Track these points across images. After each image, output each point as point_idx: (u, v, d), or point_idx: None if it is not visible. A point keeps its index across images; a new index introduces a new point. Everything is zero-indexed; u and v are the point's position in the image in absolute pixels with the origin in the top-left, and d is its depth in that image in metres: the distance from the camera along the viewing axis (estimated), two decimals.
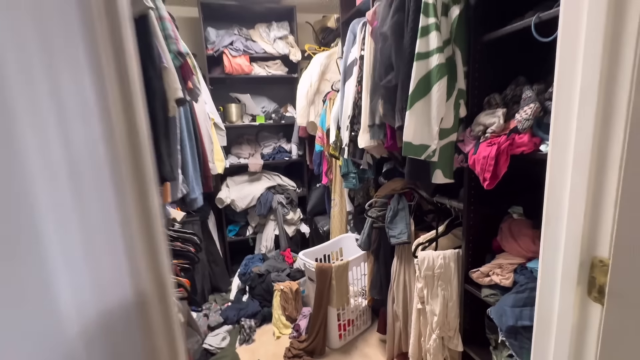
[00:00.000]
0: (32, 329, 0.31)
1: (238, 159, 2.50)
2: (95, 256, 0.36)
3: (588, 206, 0.50)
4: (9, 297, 0.29)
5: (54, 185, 0.32)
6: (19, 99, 0.29)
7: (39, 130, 0.30)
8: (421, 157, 1.12)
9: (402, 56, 1.11)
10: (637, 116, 0.44)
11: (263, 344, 1.90)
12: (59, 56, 0.32)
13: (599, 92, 0.47)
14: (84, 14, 0.33)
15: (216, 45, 2.29)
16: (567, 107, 0.52)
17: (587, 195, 0.50)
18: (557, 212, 0.55)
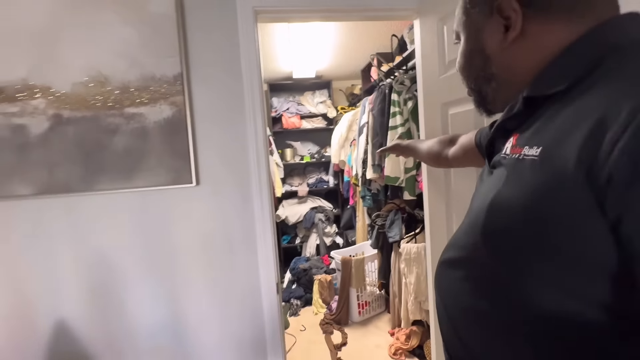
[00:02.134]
0: (246, 260, 1.18)
1: (291, 186, 3.46)
2: (265, 254, 1.23)
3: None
4: (247, 248, 1.17)
5: (256, 199, 1.21)
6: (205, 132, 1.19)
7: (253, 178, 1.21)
8: (396, 184, 1.91)
9: (383, 127, 1.96)
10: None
11: (305, 317, 2.68)
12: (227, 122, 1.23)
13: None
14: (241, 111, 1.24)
15: (278, 110, 3.36)
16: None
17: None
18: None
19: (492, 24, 0.44)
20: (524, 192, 0.37)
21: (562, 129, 0.35)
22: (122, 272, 1.11)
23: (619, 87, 0.32)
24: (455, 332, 0.50)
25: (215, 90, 1.11)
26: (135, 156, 1.07)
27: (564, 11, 0.39)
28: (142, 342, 1.13)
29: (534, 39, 0.41)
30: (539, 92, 0.40)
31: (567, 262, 0.34)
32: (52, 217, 1.07)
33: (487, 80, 0.48)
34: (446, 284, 0.52)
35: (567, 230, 0.33)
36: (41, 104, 1.03)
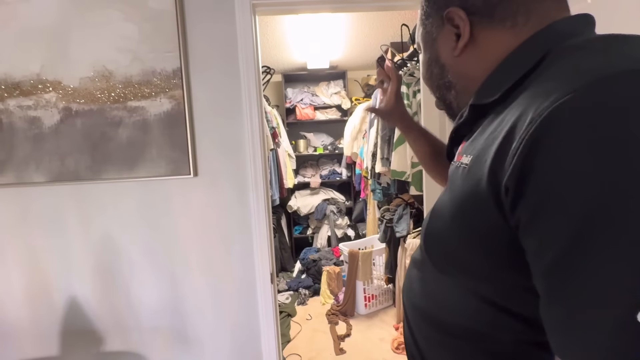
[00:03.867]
0: (242, 250, 1.22)
1: (303, 178, 3.49)
2: (260, 244, 1.27)
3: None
4: (243, 239, 1.21)
5: (252, 191, 1.24)
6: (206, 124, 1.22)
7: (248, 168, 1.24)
8: (402, 179, 1.88)
9: None
10: None
11: (313, 307, 2.73)
12: (226, 113, 1.25)
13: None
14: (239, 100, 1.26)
15: (292, 101, 3.37)
16: None
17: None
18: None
19: (445, 34, 0.45)
20: (453, 199, 0.39)
21: (490, 137, 0.35)
22: (127, 256, 1.18)
23: (533, 94, 0.31)
24: (411, 333, 0.50)
25: (214, 84, 1.14)
26: (138, 147, 1.12)
27: (507, 17, 0.39)
28: (145, 321, 1.21)
29: (483, 46, 0.42)
30: (479, 100, 0.41)
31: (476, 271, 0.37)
32: (64, 203, 1.15)
33: (447, 89, 0.49)
34: (407, 283, 0.53)
35: (475, 235, 0.35)
36: (53, 98, 1.10)
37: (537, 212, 0.28)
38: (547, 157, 0.27)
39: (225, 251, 1.20)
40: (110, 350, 1.22)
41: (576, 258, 0.25)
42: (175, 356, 1.23)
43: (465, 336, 0.39)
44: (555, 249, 0.26)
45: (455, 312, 0.40)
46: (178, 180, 1.15)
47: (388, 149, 2.00)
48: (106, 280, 1.19)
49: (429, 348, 0.46)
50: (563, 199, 0.26)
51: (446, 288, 0.42)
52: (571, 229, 0.25)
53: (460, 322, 0.40)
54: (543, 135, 0.27)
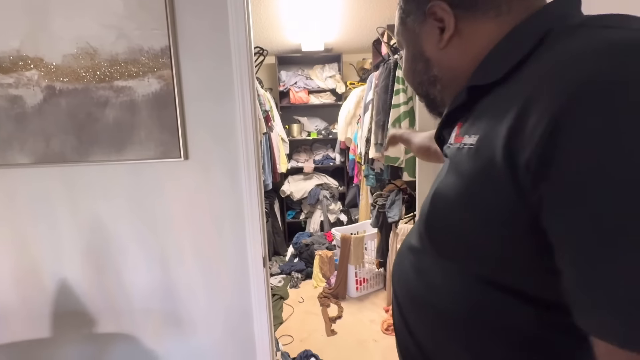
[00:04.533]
0: (234, 234, 1.21)
1: (297, 162, 3.47)
2: (252, 229, 1.26)
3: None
4: (235, 222, 1.20)
5: (244, 175, 1.23)
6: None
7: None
8: (395, 165, 1.88)
9: (386, 106, 1.90)
10: None
11: (305, 290, 2.78)
12: (218, 95, 1.23)
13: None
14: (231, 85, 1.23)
15: (286, 84, 3.30)
16: None
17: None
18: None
19: (428, 28, 0.45)
20: (460, 180, 0.38)
21: (496, 116, 0.35)
22: (118, 239, 1.17)
23: (546, 71, 0.31)
24: (404, 322, 0.50)
25: (204, 65, 1.10)
26: (126, 129, 1.09)
27: (491, 7, 0.40)
28: (137, 303, 1.21)
29: (468, 37, 0.42)
30: (478, 81, 0.41)
31: (488, 253, 0.35)
32: (50, 186, 1.12)
33: (432, 84, 0.49)
34: (400, 270, 0.53)
35: (491, 217, 0.34)
36: (34, 76, 1.05)
37: (569, 189, 0.26)
38: (582, 133, 0.25)
39: (218, 235, 1.19)
40: (102, 331, 1.23)
41: (617, 236, 0.25)
42: (167, 338, 1.25)
43: (469, 323, 0.39)
44: (594, 227, 0.25)
45: (456, 299, 0.40)
46: (168, 163, 1.13)
47: (382, 134, 1.99)
48: (96, 263, 1.18)
49: (426, 336, 0.46)
50: (600, 175, 0.25)
51: (449, 274, 0.41)
52: (610, 212, 0.24)
53: (461, 309, 0.39)
54: (572, 110, 0.26)
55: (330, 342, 2.05)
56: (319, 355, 1.89)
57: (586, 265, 0.26)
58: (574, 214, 0.26)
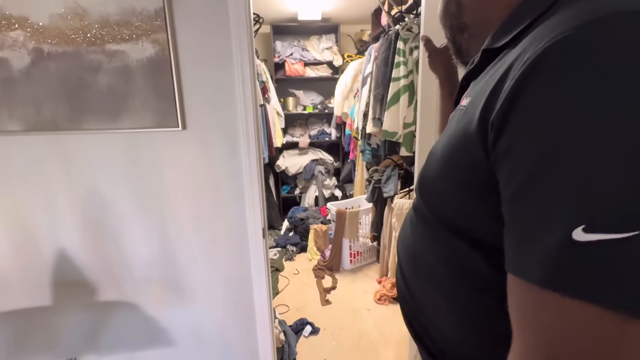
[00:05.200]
0: (234, 204, 1.20)
1: (292, 137, 3.43)
2: (252, 199, 1.24)
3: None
4: (234, 192, 1.18)
5: (243, 145, 1.20)
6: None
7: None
8: (393, 139, 1.88)
9: (385, 78, 1.86)
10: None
11: (300, 262, 2.84)
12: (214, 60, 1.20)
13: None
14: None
15: (281, 55, 3.19)
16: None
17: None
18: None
19: None
20: (446, 139, 0.40)
21: (489, 80, 0.35)
22: (115, 209, 1.16)
23: (534, 36, 0.31)
24: (402, 277, 0.53)
25: (201, 30, 1.05)
26: (120, 96, 1.05)
27: None
28: (138, 273, 1.23)
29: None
30: (490, 45, 0.41)
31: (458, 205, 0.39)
32: (43, 154, 1.09)
33: (460, 31, 0.49)
34: (402, 229, 0.56)
35: (459, 174, 0.37)
36: (20, 37, 0.99)
37: (512, 142, 0.29)
38: (532, 92, 0.27)
39: (217, 205, 1.19)
40: (104, 300, 1.25)
41: (532, 185, 0.27)
42: (168, 306, 1.28)
43: (443, 270, 0.43)
44: (520, 175, 0.28)
45: (433, 248, 0.44)
46: (166, 133, 1.10)
47: (380, 108, 1.97)
48: (95, 234, 1.18)
49: (415, 284, 0.49)
50: (536, 130, 0.27)
51: (429, 225, 0.45)
52: (535, 158, 0.27)
53: (436, 258, 0.43)
54: (531, 72, 0.27)
55: (325, 311, 2.13)
56: (314, 323, 1.96)
57: (509, 213, 0.30)
58: (510, 165, 0.29)
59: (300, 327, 1.90)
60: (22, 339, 1.25)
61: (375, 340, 1.85)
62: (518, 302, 0.29)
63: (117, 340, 1.29)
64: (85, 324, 1.26)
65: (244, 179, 1.18)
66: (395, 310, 2.12)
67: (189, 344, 1.32)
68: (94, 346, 1.29)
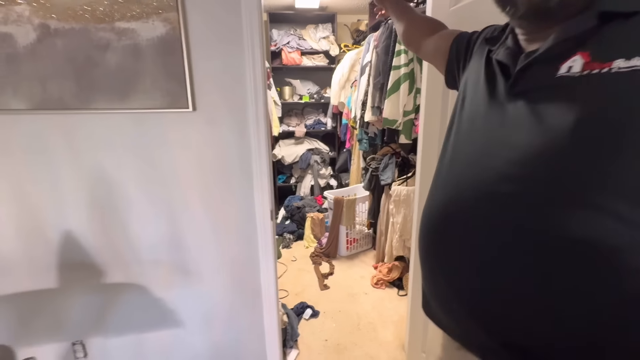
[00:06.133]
0: (244, 196, 1.21)
1: (288, 126, 3.43)
2: (261, 181, 1.25)
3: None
4: (243, 175, 1.19)
5: (253, 127, 1.21)
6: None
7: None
8: (393, 127, 1.91)
9: (386, 66, 1.89)
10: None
11: (297, 250, 2.87)
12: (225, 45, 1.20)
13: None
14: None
15: (278, 43, 3.17)
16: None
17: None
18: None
19: None
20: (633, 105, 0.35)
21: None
22: (123, 190, 1.16)
23: None
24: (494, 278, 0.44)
25: (213, 10, 1.05)
26: (129, 76, 1.04)
27: None
28: (145, 254, 1.23)
29: None
30: (616, 7, 0.37)
31: None
32: (50, 134, 1.08)
33: None
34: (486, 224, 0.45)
35: None
36: (25, 11, 0.96)
37: None
38: None
39: (226, 187, 1.20)
40: (111, 282, 1.25)
41: None
42: (176, 287, 1.29)
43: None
44: None
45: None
46: (176, 114, 1.10)
47: (380, 96, 2.00)
48: (102, 215, 1.17)
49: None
50: None
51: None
52: None
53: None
54: None
55: (324, 295, 2.18)
56: (314, 307, 2.01)
57: None
58: None
59: (300, 310, 1.94)
60: (28, 322, 1.24)
61: (373, 322, 1.91)
62: None
63: (123, 323, 1.30)
64: (92, 307, 1.26)
65: (253, 161, 1.19)
66: (392, 293, 2.19)
67: (196, 325, 1.34)
68: (100, 329, 1.29)
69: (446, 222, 0.50)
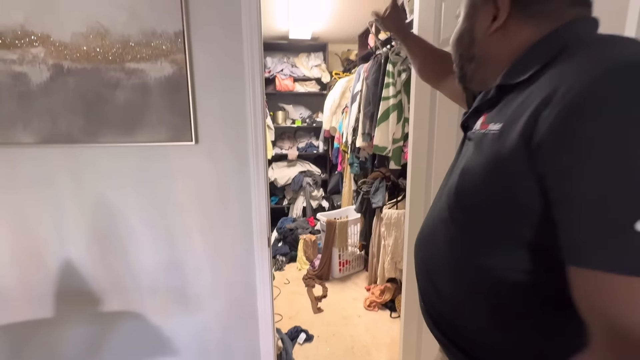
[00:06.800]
0: (242, 225, 1.27)
1: (281, 149, 3.51)
2: (259, 210, 1.31)
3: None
4: (242, 203, 1.25)
5: (252, 158, 1.28)
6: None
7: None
8: (383, 154, 2.01)
9: (375, 97, 2.01)
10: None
11: (290, 272, 2.88)
12: (229, 80, 1.28)
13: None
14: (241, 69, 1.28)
15: (272, 71, 3.30)
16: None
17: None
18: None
19: (486, 11, 0.50)
20: (485, 158, 0.45)
21: (519, 107, 0.42)
22: (124, 220, 1.19)
23: (563, 74, 0.38)
24: (432, 283, 0.57)
25: (216, 49, 1.13)
26: (137, 112, 1.10)
27: (537, 15, 0.47)
28: (144, 282, 1.25)
29: (511, 34, 0.49)
30: (508, 81, 0.47)
31: (507, 211, 0.42)
32: (55, 166, 1.12)
33: (468, 60, 0.55)
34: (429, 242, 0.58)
35: (509, 184, 0.41)
36: (41, 53, 1.03)
37: (570, 158, 0.34)
38: (583, 118, 0.33)
39: (225, 216, 1.25)
40: (107, 310, 1.26)
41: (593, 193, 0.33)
42: (173, 314, 1.30)
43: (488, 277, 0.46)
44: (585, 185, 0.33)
45: (487, 256, 0.46)
46: (179, 147, 1.16)
47: (370, 124, 2.11)
48: (102, 244, 1.20)
49: (453, 293, 0.52)
50: (589, 151, 0.33)
51: (477, 236, 0.47)
52: (592, 176, 0.33)
53: (482, 265, 0.46)
54: (581, 101, 0.33)
55: (318, 319, 2.19)
56: (308, 330, 2.01)
57: (568, 217, 0.35)
58: (571, 176, 0.34)
59: (295, 335, 1.94)
60: (21, 353, 1.23)
61: (367, 345, 1.92)
62: (590, 291, 0.34)
63: (119, 352, 1.29)
64: (88, 336, 1.26)
65: (252, 191, 1.25)
66: (384, 315, 2.22)
67: (192, 353, 1.35)
68: (95, 358, 1.28)
69: (418, 238, 0.64)
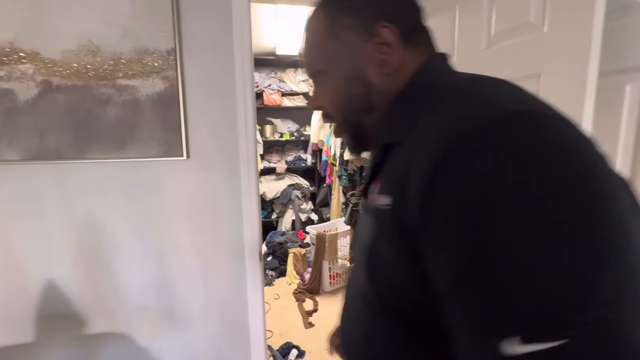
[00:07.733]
0: (232, 229, 1.27)
1: (269, 163, 3.52)
2: (250, 225, 1.32)
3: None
4: (233, 218, 1.25)
5: (244, 172, 1.29)
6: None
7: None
8: None
9: None
10: None
11: (279, 287, 2.85)
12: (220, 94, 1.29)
13: None
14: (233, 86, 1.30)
15: (259, 85, 3.34)
16: None
17: None
18: None
19: (370, 50, 0.42)
20: (370, 236, 0.40)
21: (390, 178, 0.37)
22: (112, 237, 1.17)
23: (418, 140, 0.34)
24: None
25: (207, 66, 1.15)
26: (127, 127, 1.10)
27: (422, 44, 0.44)
28: (131, 302, 1.22)
29: (402, 67, 0.42)
30: (389, 140, 0.40)
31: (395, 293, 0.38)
32: (41, 183, 1.09)
33: (368, 112, 0.44)
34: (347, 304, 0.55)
35: (391, 267, 0.37)
36: (29, 70, 1.02)
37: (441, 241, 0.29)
38: (440, 201, 0.29)
39: (216, 231, 1.24)
40: (92, 332, 1.21)
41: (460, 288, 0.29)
42: (162, 334, 1.26)
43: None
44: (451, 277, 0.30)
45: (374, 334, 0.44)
46: (170, 162, 1.16)
47: None
48: (89, 263, 1.17)
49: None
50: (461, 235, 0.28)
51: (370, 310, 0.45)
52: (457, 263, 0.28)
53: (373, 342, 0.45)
54: (439, 174, 0.29)
55: (309, 334, 2.16)
56: (300, 346, 1.98)
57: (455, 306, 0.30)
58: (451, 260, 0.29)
59: (286, 351, 1.91)
60: None
61: None
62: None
63: None
64: (72, 359, 1.21)
65: (244, 205, 1.25)
66: None
67: None
68: None
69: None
